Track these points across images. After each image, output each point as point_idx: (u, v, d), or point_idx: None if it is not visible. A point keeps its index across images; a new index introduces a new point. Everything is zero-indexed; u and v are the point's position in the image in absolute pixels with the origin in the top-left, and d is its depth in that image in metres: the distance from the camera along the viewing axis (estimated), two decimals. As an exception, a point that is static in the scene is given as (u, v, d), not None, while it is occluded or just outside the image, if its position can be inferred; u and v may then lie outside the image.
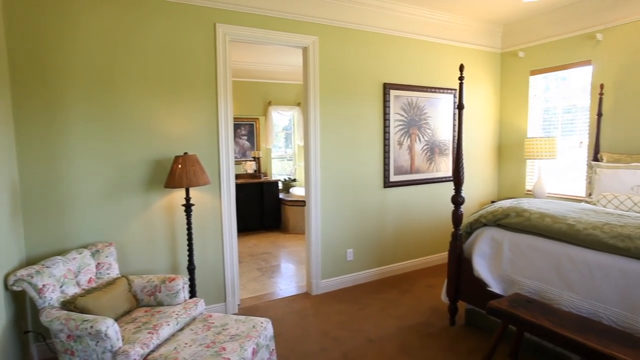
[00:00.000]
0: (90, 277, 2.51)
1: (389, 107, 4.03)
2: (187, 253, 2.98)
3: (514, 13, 4.32)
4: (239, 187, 5.95)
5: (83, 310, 2.15)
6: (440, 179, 4.49)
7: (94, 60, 2.76)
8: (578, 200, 4.08)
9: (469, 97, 4.68)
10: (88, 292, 2.37)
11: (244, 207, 6.14)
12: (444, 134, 4.50)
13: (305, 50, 3.60)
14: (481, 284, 2.78)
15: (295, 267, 4.60)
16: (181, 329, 2.29)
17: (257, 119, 6.82)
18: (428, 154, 4.39)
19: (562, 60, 4.32)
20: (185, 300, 2.56)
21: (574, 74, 4.31)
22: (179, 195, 3.08)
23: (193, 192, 3.06)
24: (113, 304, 2.33)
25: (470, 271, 2.86)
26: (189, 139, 3.13)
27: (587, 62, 4.12)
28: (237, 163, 6.58)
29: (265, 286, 4.00)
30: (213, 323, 2.34)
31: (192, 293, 3.00)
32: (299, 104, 6.88)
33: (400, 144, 4.17)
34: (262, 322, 2.33)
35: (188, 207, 2.93)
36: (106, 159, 2.84)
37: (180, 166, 2.82)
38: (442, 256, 4.53)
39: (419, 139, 4.30)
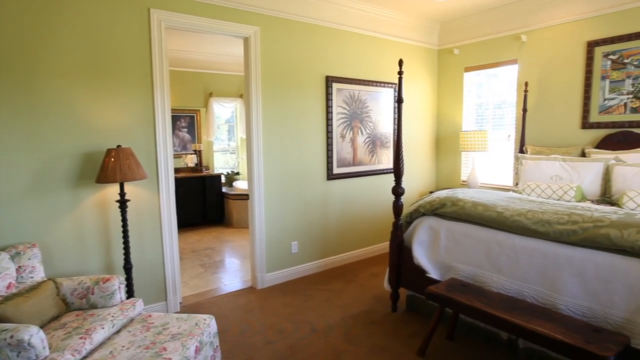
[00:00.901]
0: (10, 283, 2.28)
1: (331, 100, 4.07)
2: (123, 251, 2.82)
3: (450, 12, 4.54)
4: (180, 182, 5.73)
5: (1, 320, 1.95)
6: (381, 171, 4.63)
7: (11, 45, 2.48)
8: (507, 189, 4.41)
9: (408, 91, 4.86)
10: (7, 298, 2.15)
11: (185, 202, 5.92)
12: (385, 127, 4.63)
13: (246, 40, 3.51)
14: (421, 271, 2.92)
15: (240, 261, 4.53)
16: (118, 332, 2.17)
17: (198, 110, 6.57)
18: (370, 146, 4.50)
19: (493, 59, 4.61)
20: (122, 301, 2.42)
21: (504, 72, 4.63)
22: (112, 190, 2.89)
23: (128, 187, 2.89)
24: (37, 309, 2.14)
25: (411, 259, 2.99)
26: (122, 131, 2.94)
27: (513, 61, 4.44)
28: (177, 156, 6.30)
29: (208, 282, 3.89)
30: (153, 323, 2.23)
31: (130, 293, 2.85)
32: (241, 96, 6.73)
33: (343, 136, 4.23)
34: (205, 319, 2.27)
35: (123, 203, 2.76)
36: (28, 152, 2.58)
37: (113, 160, 2.64)
38: (385, 245, 4.69)
39: (361, 132, 4.40)
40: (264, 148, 3.65)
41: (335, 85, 4.09)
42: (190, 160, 6.37)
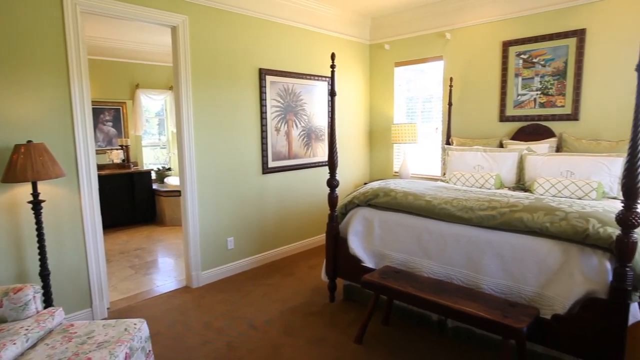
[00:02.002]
0: None
1: (265, 92, 4.01)
2: (39, 257, 2.55)
3: (380, 8, 4.66)
4: (104, 179, 5.34)
5: None
6: (317, 164, 4.67)
7: None
8: (435, 179, 4.67)
9: (341, 85, 4.94)
10: None
11: (112, 201, 5.53)
12: (320, 120, 4.67)
13: (174, 30, 3.33)
14: (356, 261, 3.00)
15: (174, 260, 4.33)
16: (33, 346, 1.96)
17: (124, 103, 6.14)
18: (305, 139, 4.52)
19: (420, 55, 4.84)
20: (37, 312, 2.19)
21: (431, 68, 4.87)
22: (23, 190, 2.60)
23: (43, 186, 2.62)
24: None
25: (346, 249, 3.06)
26: (33, 125, 2.65)
27: (439, 58, 4.69)
28: (101, 152, 5.85)
29: (139, 284, 3.68)
30: (75, 333, 2.05)
31: (48, 302, 2.60)
32: (171, 88, 6.39)
33: (277, 130, 4.19)
34: (135, 324, 2.13)
35: (37, 204, 2.50)
36: None
37: (22, 157, 2.38)
38: (322, 237, 4.76)
39: (296, 125, 4.39)
40: (195, 142, 3.51)
41: (268, 78, 4.03)
42: (117, 156, 5.94)
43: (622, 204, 1.88)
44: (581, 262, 2.09)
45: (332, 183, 3.14)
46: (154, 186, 6.11)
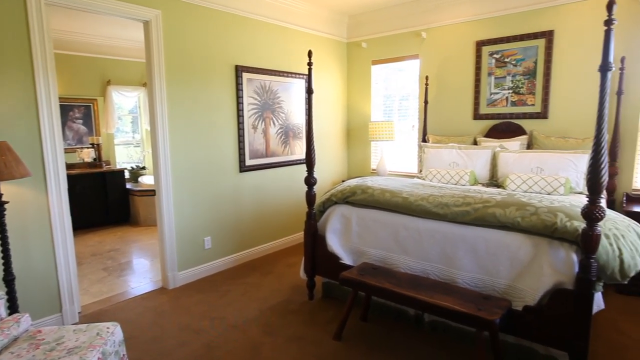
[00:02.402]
0: None
1: (241, 90, 3.96)
2: (3, 262, 2.45)
3: (357, 6, 4.68)
4: (75, 179, 5.17)
5: None
6: (295, 162, 4.65)
7: None
8: (412, 176, 4.73)
9: (319, 82, 4.93)
10: None
11: (83, 201, 5.36)
12: (298, 117, 4.65)
13: (146, 25, 3.24)
14: (335, 258, 3.01)
15: (149, 261, 4.24)
16: (-3, 355, 1.88)
17: (95, 100, 5.94)
18: (283, 137, 4.49)
19: (397, 53, 4.88)
20: (1, 319, 2.10)
21: (408, 66, 4.93)
22: (-15, 191, 2.48)
23: (6, 186, 2.51)
24: None
25: (325, 247, 3.07)
26: (-5, 122, 2.53)
27: (415, 56, 4.75)
28: (71, 151, 5.66)
29: (113, 287, 3.58)
30: (43, 339, 1.98)
31: (13, 309, 2.49)
32: (144, 85, 6.23)
33: (254, 127, 4.15)
34: (108, 328, 2.07)
35: (-1, 205, 2.39)
36: None
37: (-17, 156, 2.27)
38: (300, 235, 4.76)
39: (274, 123, 4.36)
40: (170, 140, 3.43)
41: (245, 75, 3.98)
42: (87, 155, 5.75)
43: (587, 199, 1.95)
44: (550, 255, 2.16)
45: (310, 181, 3.13)
46: (128, 185, 5.95)
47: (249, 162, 4.11)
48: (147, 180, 5.94)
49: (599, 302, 2.21)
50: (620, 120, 3.52)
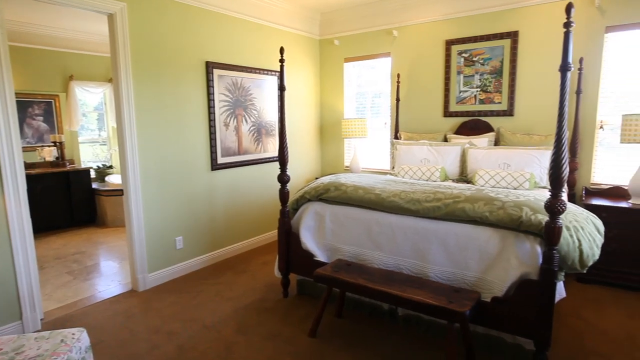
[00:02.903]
0: None
1: (212, 86, 3.89)
2: (-43, 267, 2.31)
3: (329, 3, 4.68)
4: (35, 179, 4.95)
5: None
6: (268, 159, 4.62)
7: None
8: (385, 172, 4.79)
9: (291, 79, 4.91)
10: None
11: (45, 202, 5.13)
12: (271, 115, 4.61)
13: (111, 18, 3.12)
14: (309, 255, 3.01)
15: (118, 263, 4.10)
16: (-49, 366, 1.77)
17: (57, 96, 5.68)
18: (255, 134, 4.44)
19: (369, 51, 4.92)
20: (-44, 328, 1.98)
21: (380, 64, 4.97)
22: None
23: (-41, 188, 2.36)
24: None
25: (299, 244, 3.06)
26: (-54, 119, 2.38)
27: (387, 54, 4.80)
28: (31, 150, 5.39)
29: (79, 291, 3.44)
30: (1, 349, 1.88)
31: (-31, 316, 2.35)
32: (110, 80, 6.02)
33: (226, 125, 4.09)
34: (73, 334, 1.99)
35: (-48, 208, 2.24)
36: None
37: None
38: (274, 233, 4.73)
39: (246, 120, 4.31)
40: (139, 138, 3.33)
41: (216, 72, 3.91)
42: (49, 154, 5.50)
43: (550, 193, 2.04)
44: (516, 247, 2.24)
45: (283, 178, 3.12)
46: (94, 185, 5.73)
47: (221, 160, 4.05)
48: (114, 179, 5.74)
49: (560, 290, 2.31)
50: (579, 118, 3.68)
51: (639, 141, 3.11)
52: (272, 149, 4.67)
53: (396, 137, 4.68)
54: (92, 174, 5.87)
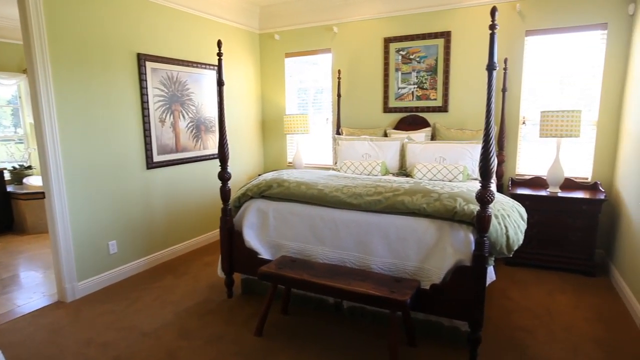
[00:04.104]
0: None
1: (145, 80, 3.66)
2: None
3: (268, -3, 4.60)
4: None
5: None
6: (208, 157, 4.46)
7: None
8: (328, 168, 4.84)
9: (231, 74, 4.78)
10: None
11: (-48, 209, 4.54)
12: (210, 111, 4.46)
13: (21, 1, 2.81)
14: (253, 253, 2.95)
15: (42, 273, 3.75)
16: None
17: (-38, 88, 5.04)
18: (194, 131, 4.27)
19: (310, 46, 4.92)
20: None
21: (322, 60, 4.99)
22: None
23: None
24: None
25: (242, 243, 3.00)
26: None
27: (328, 50, 4.84)
28: None
29: (-5, 306, 3.10)
30: None
31: None
32: (25, 71, 5.45)
33: (162, 121, 3.88)
34: (-13, 355, 1.79)
35: None
36: None
37: None
38: (217, 233, 4.59)
39: (183, 116, 4.12)
40: (61, 136, 3.05)
41: (149, 64, 3.69)
42: (-45, 154, 4.87)
43: (480, 184, 2.17)
44: (451, 236, 2.37)
45: (224, 176, 3.03)
46: (9, 188, 5.18)
47: (157, 158, 3.84)
48: (34, 181, 5.22)
49: (491, 274, 2.48)
50: (505, 114, 3.97)
51: (555, 135, 3.42)
52: (213, 146, 4.52)
53: (338, 133, 4.74)
54: (7, 176, 5.30)
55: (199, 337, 2.63)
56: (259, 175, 4.49)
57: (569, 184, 3.75)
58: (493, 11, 2.07)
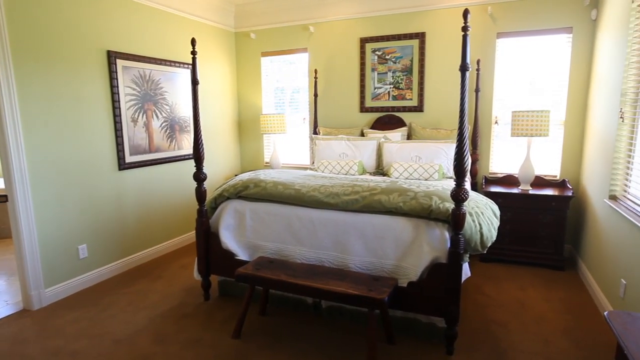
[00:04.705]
0: None
1: (116, 79, 3.55)
2: None
3: (243, -5, 4.55)
4: None
5: None
6: (183, 157, 4.37)
7: None
8: (305, 168, 4.83)
9: (207, 73, 4.71)
10: None
11: None
12: (184, 110, 4.37)
13: (-17, -6, 2.68)
14: (230, 255, 2.91)
15: (5, 281, 3.58)
16: None
17: None
18: (168, 131, 4.17)
19: (287, 46, 4.90)
20: None
21: (298, 59, 4.97)
22: None
23: None
24: None
25: (219, 244, 2.95)
26: None
27: (304, 50, 4.82)
28: None
29: (-45, 316, 2.94)
30: None
31: None
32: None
33: (134, 121, 3.78)
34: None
35: None
36: None
37: None
38: (193, 234, 4.51)
39: (157, 116, 4.02)
40: (25, 136, 2.91)
41: (120, 62, 3.58)
42: None
43: (455, 183, 2.21)
44: (427, 234, 2.40)
45: (199, 176, 2.97)
46: (-28, 191, 4.93)
47: (129, 158, 3.73)
48: (-1, 183, 4.99)
49: (466, 271, 2.53)
50: (479, 114, 4.07)
51: (526, 135, 3.53)
52: (188, 146, 4.43)
53: (315, 133, 4.73)
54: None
55: (174, 341, 2.57)
56: (236, 175, 4.44)
57: (539, 182, 3.87)
58: (465, 13, 2.11)
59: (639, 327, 1.31)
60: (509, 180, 4.03)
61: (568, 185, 3.71)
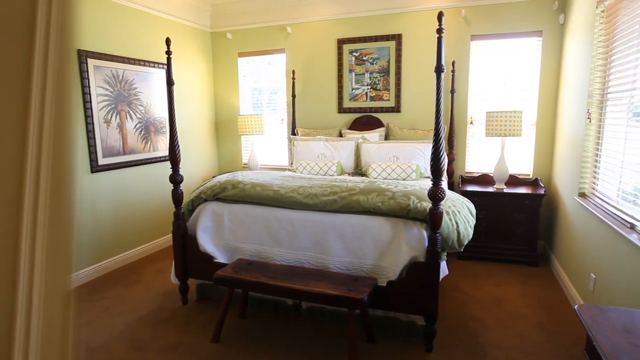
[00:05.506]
0: None
1: (87, 78, 3.45)
2: None
3: (219, -5, 4.50)
4: None
5: None
6: (159, 159, 4.28)
7: None
8: (283, 169, 4.81)
9: (182, 73, 4.63)
10: None
11: None
12: (160, 111, 4.28)
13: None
14: (208, 258, 2.87)
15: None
16: None
17: None
18: (143, 132, 4.08)
19: (264, 46, 4.87)
20: None
21: (276, 60, 4.95)
22: None
23: None
24: None
25: (196, 247, 2.91)
26: None
27: (282, 50, 4.81)
28: None
29: None
30: None
31: None
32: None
33: (107, 122, 3.68)
34: None
35: None
36: None
37: None
38: (169, 238, 4.42)
39: (131, 117, 3.93)
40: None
41: (91, 62, 3.48)
42: None
43: (432, 182, 2.25)
44: (406, 234, 2.43)
45: (176, 178, 2.92)
46: None
47: (102, 160, 3.63)
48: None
49: (444, 269, 2.58)
50: (454, 115, 4.14)
51: (500, 135, 3.62)
52: (164, 148, 4.35)
53: (293, 133, 4.72)
54: None
55: (152, 347, 2.51)
56: (214, 177, 4.38)
57: (513, 181, 3.98)
58: (440, 16, 2.15)
59: (607, 320, 1.36)
60: (485, 179, 4.12)
61: (540, 183, 3.83)
